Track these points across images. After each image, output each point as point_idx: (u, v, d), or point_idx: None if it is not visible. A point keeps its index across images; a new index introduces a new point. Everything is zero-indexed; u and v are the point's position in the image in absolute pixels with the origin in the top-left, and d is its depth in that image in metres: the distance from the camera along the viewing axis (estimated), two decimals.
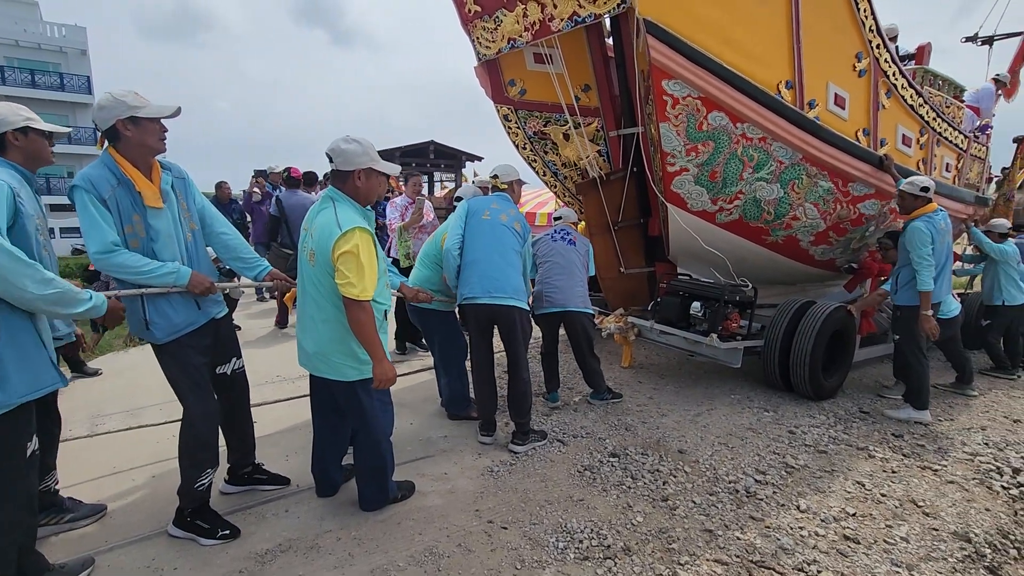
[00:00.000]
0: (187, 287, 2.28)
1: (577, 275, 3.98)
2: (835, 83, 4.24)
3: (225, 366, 2.61)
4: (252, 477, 2.86)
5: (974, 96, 6.54)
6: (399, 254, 5.08)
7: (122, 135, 2.14)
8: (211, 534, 2.42)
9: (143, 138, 2.16)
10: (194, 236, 2.41)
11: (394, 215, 5.14)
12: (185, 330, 2.32)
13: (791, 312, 4.38)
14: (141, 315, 2.25)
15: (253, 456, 2.87)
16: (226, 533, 2.44)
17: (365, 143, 2.36)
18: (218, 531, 2.43)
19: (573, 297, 3.92)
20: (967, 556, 2.50)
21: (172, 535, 2.45)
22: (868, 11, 4.23)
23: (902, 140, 4.88)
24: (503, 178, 3.62)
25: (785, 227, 4.54)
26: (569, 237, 4.07)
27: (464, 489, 2.92)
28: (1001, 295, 5.11)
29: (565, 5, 3.69)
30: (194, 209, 2.45)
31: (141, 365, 4.85)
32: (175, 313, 2.29)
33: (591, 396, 4.20)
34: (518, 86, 4.76)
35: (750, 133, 3.90)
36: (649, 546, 2.48)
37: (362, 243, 2.24)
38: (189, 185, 2.44)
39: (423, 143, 16.41)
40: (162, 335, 2.28)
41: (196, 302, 2.36)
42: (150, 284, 2.23)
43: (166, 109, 2.20)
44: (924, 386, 4.01)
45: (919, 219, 3.85)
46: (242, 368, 2.71)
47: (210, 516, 2.48)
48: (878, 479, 3.16)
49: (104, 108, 2.11)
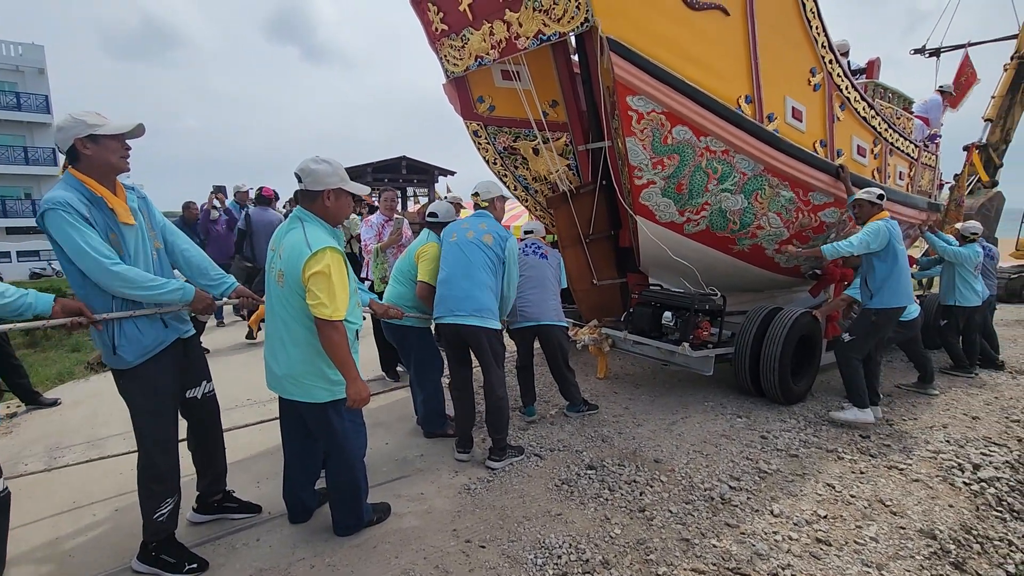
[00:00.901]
0: (192, 304, 2.32)
1: (550, 288, 4.01)
2: (792, 97, 4.41)
3: (195, 389, 2.55)
4: (222, 506, 2.78)
5: (923, 107, 6.87)
6: (374, 276, 4.79)
7: (82, 154, 2.10)
8: (177, 568, 2.33)
9: (104, 156, 2.13)
10: (159, 255, 2.37)
11: (369, 235, 4.88)
12: (155, 350, 2.27)
13: (759, 319, 4.48)
14: (108, 340, 2.18)
15: (224, 483, 2.79)
16: (193, 567, 2.35)
17: (335, 163, 2.36)
18: (185, 565, 2.34)
19: (547, 311, 3.93)
20: (933, 553, 2.58)
21: (136, 571, 2.36)
22: (820, 28, 4.42)
23: (857, 150, 5.09)
24: (484, 196, 3.59)
25: (751, 236, 4.67)
26: (540, 251, 4.10)
27: (441, 509, 2.89)
28: (955, 296, 5.33)
29: (530, 24, 3.76)
30: (157, 228, 2.42)
31: (103, 393, 4.67)
32: (143, 334, 2.23)
33: (567, 409, 4.21)
34: (487, 102, 4.81)
35: (713, 146, 4.02)
36: (627, 558, 2.48)
37: (333, 263, 2.22)
38: (149, 204, 2.42)
39: (395, 159, 16.37)
40: (132, 357, 2.21)
41: (162, 319, 2.30)
42: (156, 301, 2.22)
43: (126, 126, 2.16)
44: (860, 385, 4.07)
45: (882, 220, 3.97)
46: (212, 392, 2.65)
47: (176, 549, 2.38)
48: (847, 480, 3.24)
49: (62, 129, 2.08)
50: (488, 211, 3.56)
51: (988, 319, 5.93)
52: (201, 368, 2.60)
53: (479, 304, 3.24)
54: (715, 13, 3.84)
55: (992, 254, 6.18)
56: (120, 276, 2.10)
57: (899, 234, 4.02)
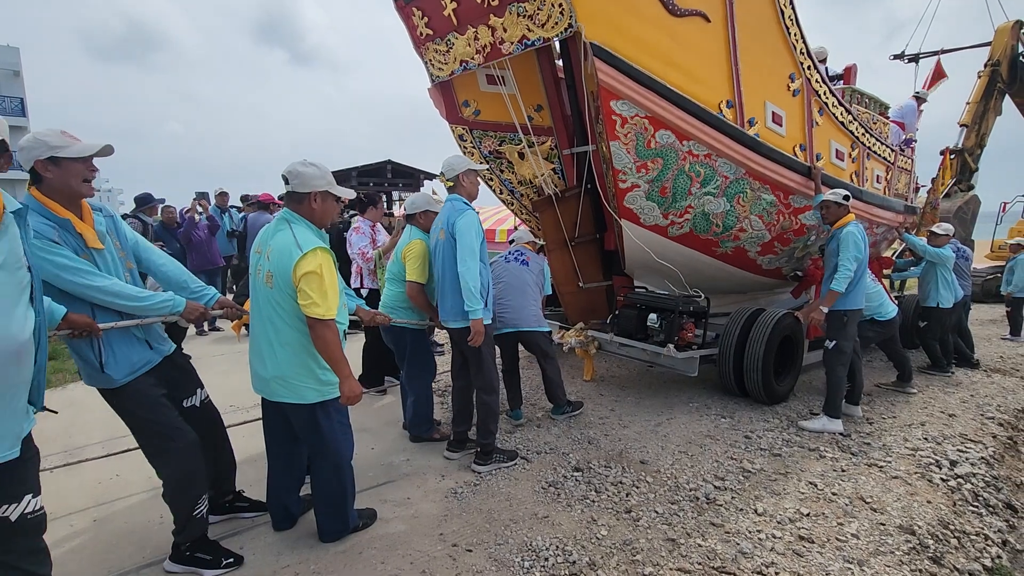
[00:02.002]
0: (183, 315, 2.32)
1: (530, 294, 3.98)
2: (772, 102, 4.49)
3: (191, 398, 2.55)
4: (233, 505, 2.79)
5: (898, 112, 7.04)
6: (380, 282, 4.57)
7: (43, 177, 2.00)
8: (214, 564, 2.36)
9: (65, 180, 2.01)
10: (132, 276, 2.34)
11: (364, 242, 4.76)
12: (142, 369, 2.26)
13: (743, 320, 4.54)
14: (94, 358, 2.14)
15: (233, 483, 2.81)
16: (230, 562, 2.39)
17: (322, 167, 2.38)
18: (222, 560, 2.38)
19: (526, 317, 3.92)
20: (912, 548, 2.63)
21: (170, 572, 2.37)
22: (798, 35, 4.52)
23: (836, 155, 5.19)
24: (448, 174, 3.27)
25: (733, 239, 4.73)
26: (522, 258, 4.08)
27: (427, 513, 2.87)
28: (937, 297, 5.42)
29: (514, 29, 3.78)
30: (128, 248, 2.36)
31: (82, 401, 4.57)
32: (131, 351, 2.22)
33: (552, 411, 4.22)
34: (472, 107, 4.83)
35: (696, 150, 4.07)
36: (614, 559, 2.49)
37: (324, 263, 2.25)
38: (119, 223, 2.36)
39: (380, 162, 16.27)
40: (120, 375, 2.18)
41: (147, 342, 2.30)
42: (145, 315, 2.21)
43: (90, 148, 2.02)
44: (839, 396, 4.09)
45: (851, 224, 4.03)
46: (208, 398, 2.65)
47: (211, 547, 2.41)
48: (829, 478, 3.29)
49: (24, 149, 1.98)
50: (456, 191, 3.27)
51: (963, 319, 6.07)
52: (193, 377, 2.59)
53: (456, 305, 3.19)
54: (696, 20, 3.91)
55: (966, 255, 6.34)
56: (105, 289, 2.08)
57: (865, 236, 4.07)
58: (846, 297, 4.00)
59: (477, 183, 3.39)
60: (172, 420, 2.30)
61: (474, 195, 3.36)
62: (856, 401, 4.37)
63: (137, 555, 2.51)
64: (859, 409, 4.36)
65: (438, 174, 3.47)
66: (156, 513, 2.77)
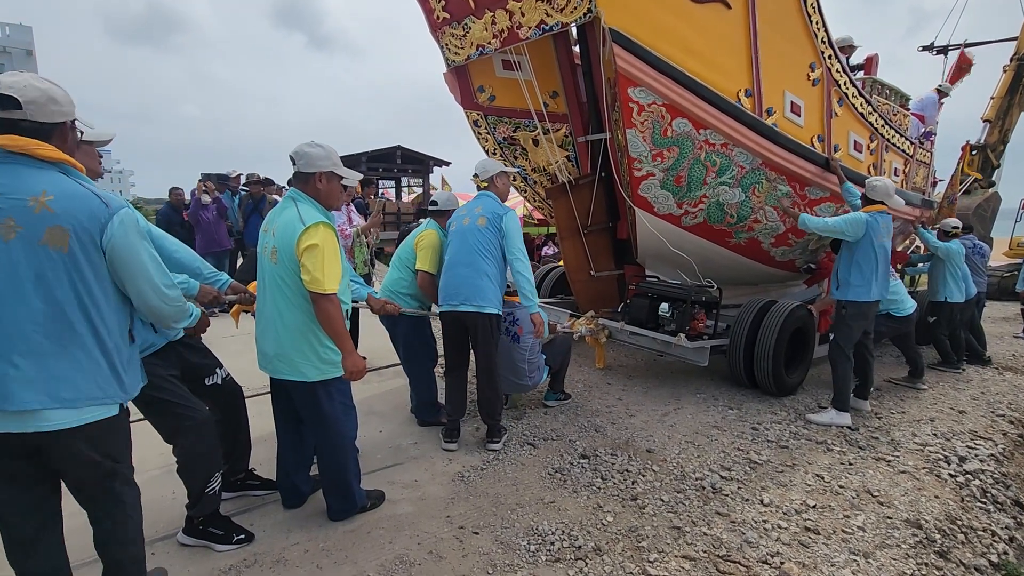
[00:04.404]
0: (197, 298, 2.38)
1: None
2: (791, 91, 4.42)
3: (213, 377, 2.58)
4: (245, 483, 2.85)
5: (919, 104, 6.89)
6: (356, 259, 4.45)
7: None
8: (226, 539, 2.42)
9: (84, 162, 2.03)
10: None
11: (340, 220, 4.32)
12: (147, 352, 2.26)
13: (754, 311, 4.52)
14: None
15: (247, 461, 2.86)
16: (241, 538, 2.45)
17: (328, 148, 2.40)
18: (233, 536, 2.43)
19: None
20: (919, 542, 2.63)
21: (183, 543, 2.42)
22: (820, 23, 4.42)
23: (854, 146, 5.10)
24: (482, 175, 3.48)
25: (747, 229, 4.69)
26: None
27: (435, 496, 2.91)
28: (945, 292, 5.38)
29: (533, 13, 3.74)
30: None
31: None
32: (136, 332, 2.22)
33: (544, 397, 4.21)
34: (487, 92, 4.79)
35: (712, 139, 4.02)
36: (619, 545, 2.51)
37: (327, 236, 2.27)
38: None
39: (390, 148, 16.22)
40: None
41: (151, 325, 2.28)
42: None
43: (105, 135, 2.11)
44: (847, 388, 4.07)
45: (867, 212, 3.94)
46: (230, 375, 2.68)
47: (222, 522, 2.46)
48: (836, 471, 3.29)
49: None
50: (489, 190, 3.46)
51: (976, 315, 6.01)
52: (210, 356, 2.63)
53: (476, 290, 3.24)
54: (717, 6, 3.83)
55: (982, 251, 6.25)
56: None
57: (882, 231, 3.94)
58: (846, 288, 3.98)
59: (509, 184, 3.61)
60: (184, 398, 2.32)
61: (506, 195, 3.55)
62: (865, 396, 4.35)
63: (149, 529, 2.53)
64: (867, 403, 4.34)
65: (472, 176, 3.65)
66: (168, 489, 2.82)
